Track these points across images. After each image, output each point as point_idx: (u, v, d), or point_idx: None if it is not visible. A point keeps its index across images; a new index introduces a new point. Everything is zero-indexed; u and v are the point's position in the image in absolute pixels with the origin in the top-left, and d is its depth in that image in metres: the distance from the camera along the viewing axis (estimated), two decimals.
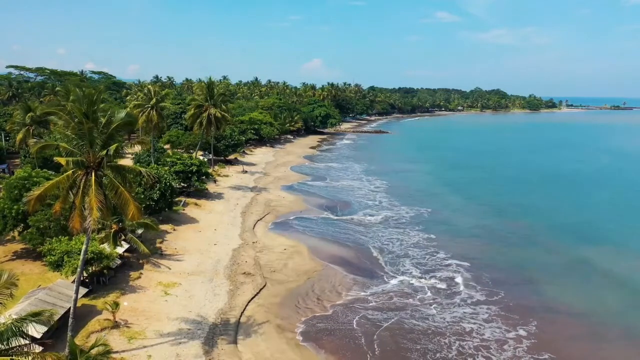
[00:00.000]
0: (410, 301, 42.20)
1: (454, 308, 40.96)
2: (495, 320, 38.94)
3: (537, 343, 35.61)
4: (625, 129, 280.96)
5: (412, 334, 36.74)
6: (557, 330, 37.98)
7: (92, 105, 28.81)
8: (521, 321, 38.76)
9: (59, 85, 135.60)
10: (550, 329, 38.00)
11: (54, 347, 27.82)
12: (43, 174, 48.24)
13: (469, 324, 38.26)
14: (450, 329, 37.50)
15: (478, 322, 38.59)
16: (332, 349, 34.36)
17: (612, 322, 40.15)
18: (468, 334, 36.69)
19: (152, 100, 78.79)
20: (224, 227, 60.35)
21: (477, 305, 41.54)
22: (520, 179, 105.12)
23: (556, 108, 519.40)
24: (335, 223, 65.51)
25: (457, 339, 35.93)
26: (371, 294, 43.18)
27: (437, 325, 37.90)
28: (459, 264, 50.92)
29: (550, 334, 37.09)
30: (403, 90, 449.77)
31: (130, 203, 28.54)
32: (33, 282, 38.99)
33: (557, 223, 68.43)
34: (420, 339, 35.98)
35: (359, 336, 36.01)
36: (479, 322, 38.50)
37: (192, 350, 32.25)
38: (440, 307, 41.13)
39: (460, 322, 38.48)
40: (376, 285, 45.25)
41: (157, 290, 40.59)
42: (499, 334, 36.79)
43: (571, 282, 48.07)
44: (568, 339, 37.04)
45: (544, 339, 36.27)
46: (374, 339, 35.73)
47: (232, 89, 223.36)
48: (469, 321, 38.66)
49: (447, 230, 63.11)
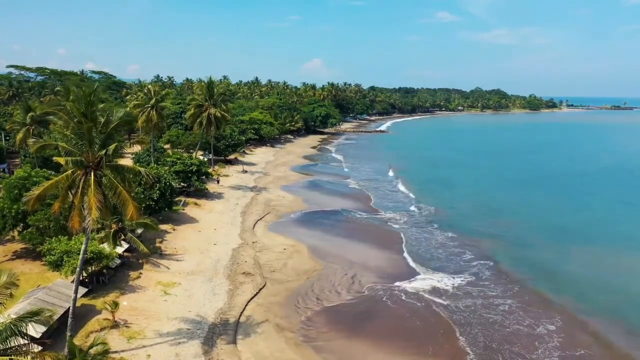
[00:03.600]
0: (410, 302, 42.21)
1: (465, 300, 40.94)
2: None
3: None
4: (627, 129, 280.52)
5: (413, 332, 36.74)
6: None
7: (91, 105, 28.79)
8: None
9: (59, 85, 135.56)
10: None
11: (53, 346, 27.80)
12: (43, 173, 48.25)
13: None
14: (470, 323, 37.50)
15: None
16: (332, 348, 34.32)
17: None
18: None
19: (152, 100, 78.76)
20: (223, 226, 60.34)
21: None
22: (532, 179, 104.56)
23: (556, 108, 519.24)
24: (335, 222, 65.51)
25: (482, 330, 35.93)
26: (373, 292, 43.19)
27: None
28: (459, 264, 50.93)
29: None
30: (403, 90, 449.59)
31: (130, 203, 28.53)
32: (33, 282, 38.99)
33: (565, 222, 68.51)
34: (420, 339, 36.01)
35: (359, 336, 35.96)
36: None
37: (191, 349, 32.23)
38: (449, 299, 41.13)
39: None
40: (378, 283, 45.18)
41: (156, 290, 40.58)
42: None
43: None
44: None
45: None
46: (374, 339, 35.71)
47: (232, 89, 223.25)
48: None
49: (447, 231, 63.04)
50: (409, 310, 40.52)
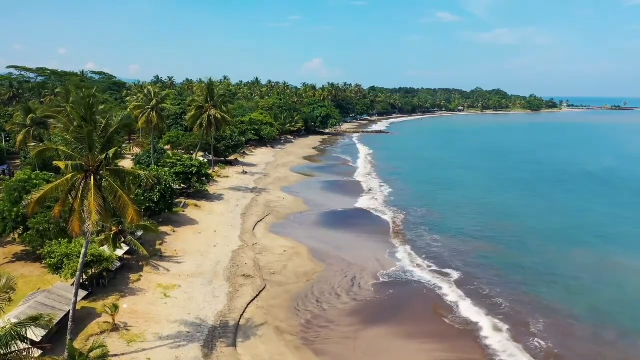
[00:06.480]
0: (412, 302, 42.22)
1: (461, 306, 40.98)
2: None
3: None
4: (627, 129, 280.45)
5: (414, 335, 36.76)
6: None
7: (90, 108, 28.82)
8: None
9: (59, 85, 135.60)
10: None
11: (53, 350, 27.83)
12: (43, 176, 48.22)
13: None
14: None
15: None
16: (332, 352, 34.32)
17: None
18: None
19: (152, 102, 78.84)
20: (223, 228, 60.35)
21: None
22: (536, 180, 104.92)
23: (557, 108, 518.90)
24: (336, 224, 65.47)
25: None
26: (372, 294, 43.20)
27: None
28: (459, 264, 50.95)
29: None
30: (404, 91, 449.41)
31: (129, 206, 28.56)
32: (33, 285, 39.06)
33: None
34: (421, 339, 36.01)
35: (359, 339, 35.98)
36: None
37: (191, 353, 32.25)
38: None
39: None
40: (378, 285, 45.23)
41: (156, 293, 40.60)
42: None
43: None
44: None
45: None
46: (374, 341, 35.72)
47: (232, 89, 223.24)
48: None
49: (447, 231, 63.03)
50: (410, 312, 40.54)
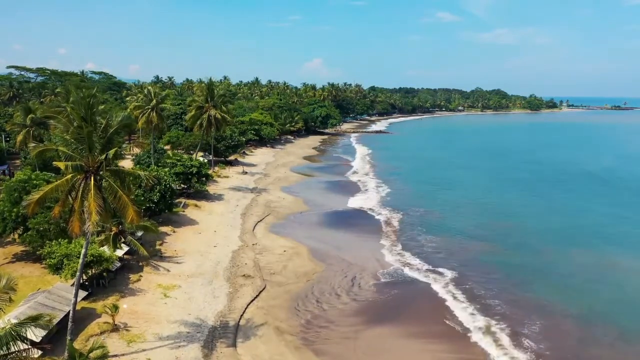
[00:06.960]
0: (412, 302, 42.21)
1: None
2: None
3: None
4: (627, 129, 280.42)
5: (415, 335, 36.77)
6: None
7: (90, 108, 28.82)
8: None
9: (59, 85, 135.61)
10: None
11: (53, 351, 27.87)
12: (43, 176, 48.20)
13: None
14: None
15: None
16: (332, 352, 34.32)
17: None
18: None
19: (152, 102, 78.84)
20: (223, 228, 60.36)
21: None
22: (539, 180, 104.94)
23: (557, 108, 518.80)
24: (336, 224, 65.47)
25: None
26: (373, 294, 43.21)
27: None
28: (459, 264, 50.96)
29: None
30: (404, 91, 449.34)
31: (129, 207, 28.57)
32: (33, 285, 39.06)
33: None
34: (421, 340, 36.01)
35: (359, 339, 35.99)
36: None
37: (191, 353, 32.26)
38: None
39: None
40: (378, 286, 45.24)
41: (156, 293, 40.60)
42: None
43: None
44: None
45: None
46: (375, 341, 35.74)
47: (232, 89, 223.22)
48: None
49: (447, 232, 63.05)
50: (410, 312, 40.55)
